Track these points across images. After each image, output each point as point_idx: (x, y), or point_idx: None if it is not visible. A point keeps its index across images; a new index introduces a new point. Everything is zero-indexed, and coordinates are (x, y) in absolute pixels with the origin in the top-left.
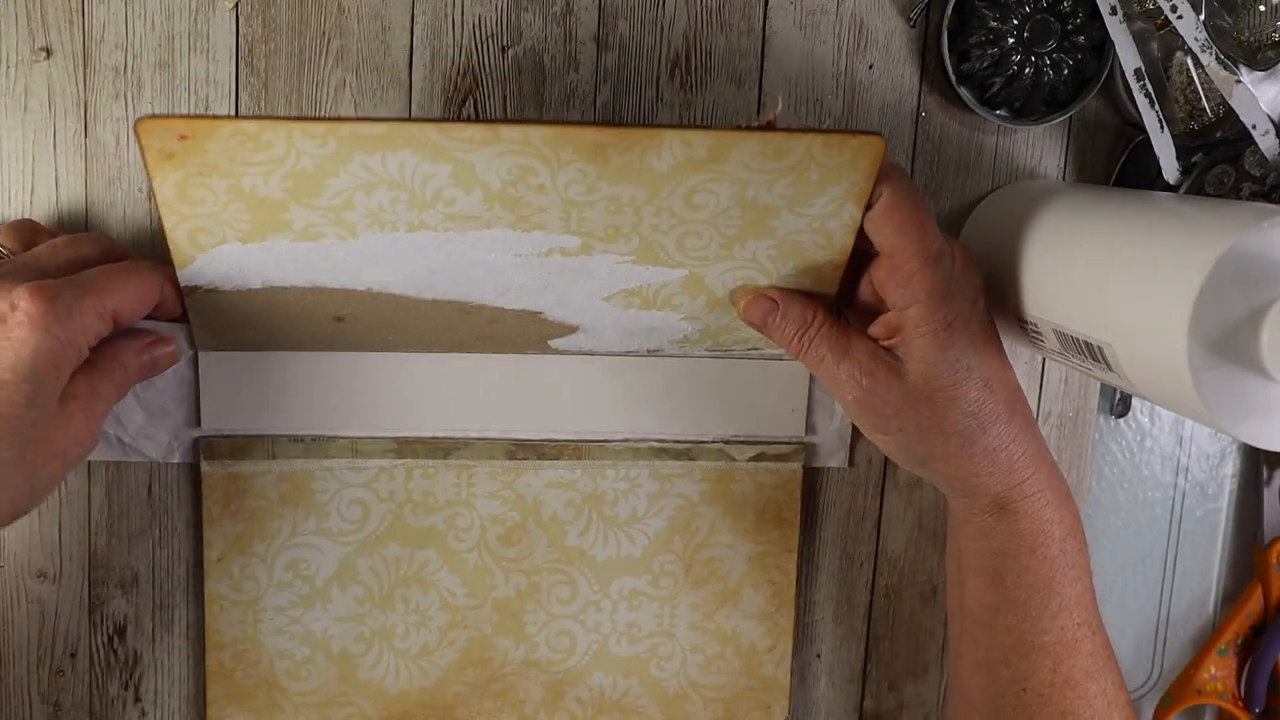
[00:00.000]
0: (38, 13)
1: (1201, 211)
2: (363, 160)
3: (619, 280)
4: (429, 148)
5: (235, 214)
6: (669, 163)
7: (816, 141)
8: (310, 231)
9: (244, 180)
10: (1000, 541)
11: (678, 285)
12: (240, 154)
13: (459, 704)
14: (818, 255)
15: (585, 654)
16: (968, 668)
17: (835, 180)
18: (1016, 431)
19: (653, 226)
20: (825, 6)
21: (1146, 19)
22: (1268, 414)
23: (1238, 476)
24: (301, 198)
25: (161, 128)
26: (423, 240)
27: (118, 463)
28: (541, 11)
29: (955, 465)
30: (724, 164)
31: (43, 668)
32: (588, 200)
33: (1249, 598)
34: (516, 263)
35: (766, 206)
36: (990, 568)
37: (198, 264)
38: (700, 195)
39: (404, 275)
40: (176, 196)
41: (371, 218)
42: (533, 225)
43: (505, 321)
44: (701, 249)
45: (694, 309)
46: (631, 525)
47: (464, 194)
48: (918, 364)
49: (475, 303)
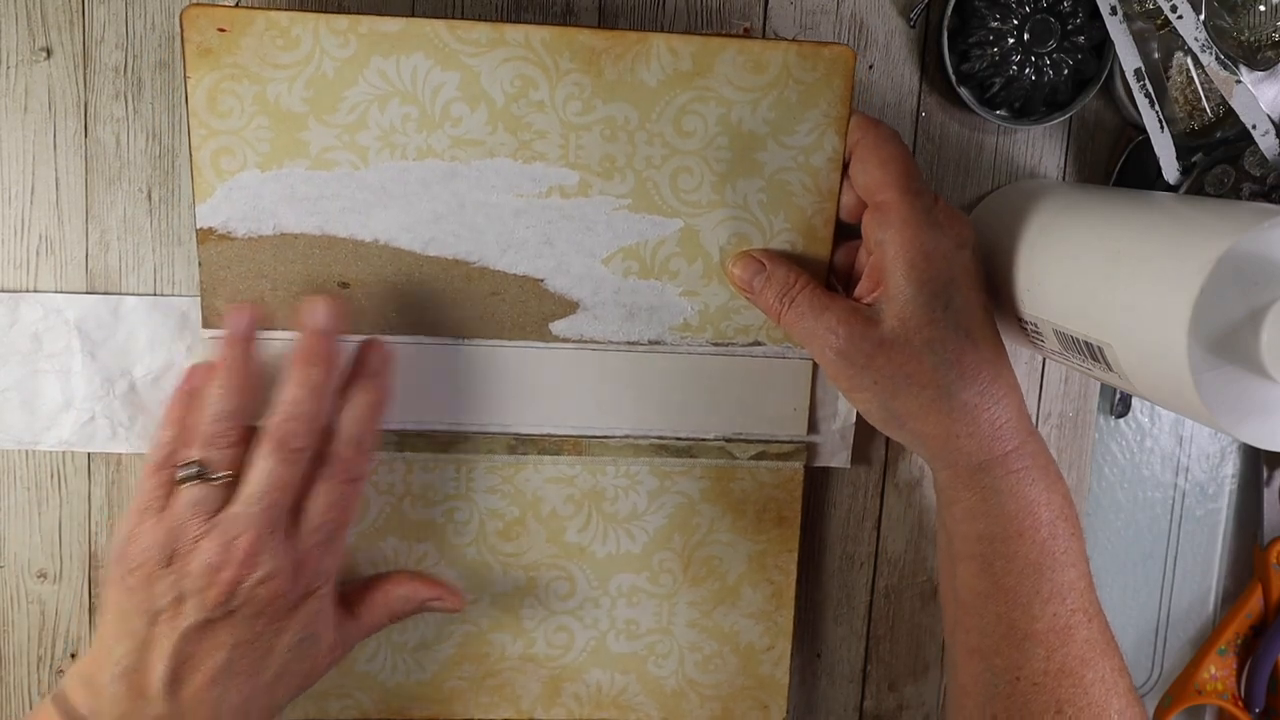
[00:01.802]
0: (38, 13)
1: (1201, 211)
2: (379, 65)
3: (617, 234)
4: (439, 51)
5: (258, 131)
6: (658, 76)
7: (791, 51)
8: (325, 158)
9: (269, 88)
10: (986, 525)
11: (674, 243)
12: (269, 53)
13: (455, 698)
14: (807, 202)
15: (583, 650)
16: (962, 655)
17: (813, 102)
18: (1001, 395)
19: (646, 159)
20: (825, 6)
21: (1146, 19)
22: (1268, 414)
23: (1238, 476)
24: (320, 112)
25: (204, 16)
26: (429, 172)
27: (117, 463)
28: (542, 12)
29: (933, 424)
30: (709, 78)
31: (43, 667)
32: (584, 123)
33: (1249, 598)
34: (518, 205)
35: (752, 135)
36: (978, 553)
37: (217, 195)
38: (688, 119)
39: (410, 220)
40: (207, 105)
41: (383, 140)
42: (534, 154)
43: (507, 293)
44: (694, 190)
45: (692, 278)
46: (631, 522)
47: (469, 111)
48: (892, 303)
49: (477, 264)
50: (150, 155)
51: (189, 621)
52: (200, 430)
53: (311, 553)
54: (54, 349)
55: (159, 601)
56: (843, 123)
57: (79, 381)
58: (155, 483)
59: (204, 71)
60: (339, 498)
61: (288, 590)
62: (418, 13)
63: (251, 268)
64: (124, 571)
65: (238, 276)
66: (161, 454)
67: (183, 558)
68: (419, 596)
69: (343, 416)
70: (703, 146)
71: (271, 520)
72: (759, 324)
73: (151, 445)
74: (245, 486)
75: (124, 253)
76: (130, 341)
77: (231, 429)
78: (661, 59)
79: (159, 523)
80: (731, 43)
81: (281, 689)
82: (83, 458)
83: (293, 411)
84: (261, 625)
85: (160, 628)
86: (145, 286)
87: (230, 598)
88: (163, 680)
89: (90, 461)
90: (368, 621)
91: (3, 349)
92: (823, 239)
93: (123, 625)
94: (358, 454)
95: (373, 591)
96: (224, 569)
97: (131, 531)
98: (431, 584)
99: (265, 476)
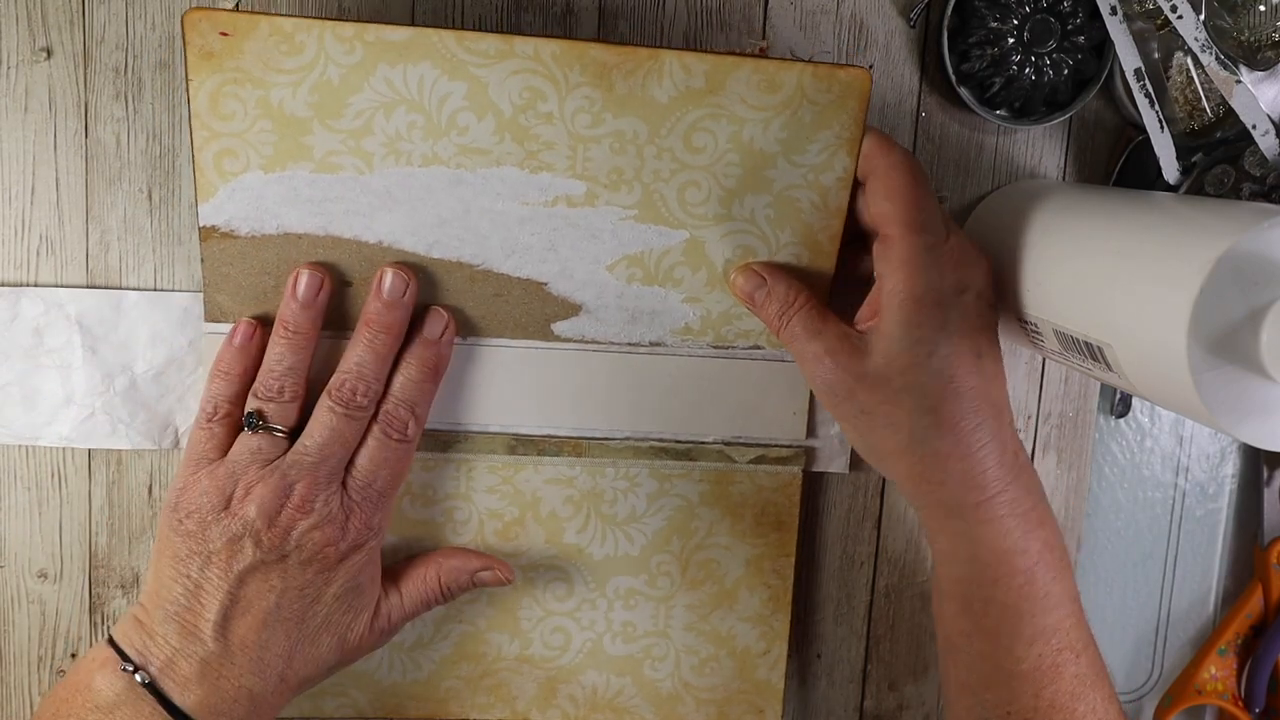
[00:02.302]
0: (38, 13)
1: (1201, 211)
2: (385, 73)
3: (622, 243)
4: (447, 61)
5: (261, 134)
6: (669, 92)
7: (806, 72)
8: (329, 161)
9: (272, 93)
10: (960, 569)
11: (679, 253)
12: (273, 58)
13: (451, 698)
14: (814, 219)
15: (579, 652)
16: (953, 689)
17: (826, 123)
18: (980, 445)
19: (654, 173)
20: (825, 6)
21: (1146, 19)
22: (1268, 414)
23: (1238, 476)
24: (324, 117)
25: (206, 20)
26: (435, 179)
27: (118, 463)
28: (542, 12)
29: (905, 466)
30: (721, 95)
31: (43, 667)
32: (593, 135)
33: (1249, 598)
34: (523, 213)
35: (763, 153)
36: (959, 593)
37: (220, 196)
38: (699, 135)
39: (414, 224)
40: (209, 107)
41: (388, 147)
42: (540, 165)
43: (510, 295)
44: (701, 204)
45: (695, 286)
46: (630, 524)
47: (476, 120)
48: (881, 339)
49: (481, 267)
50: (150, 155)
51: (243, 564)
52: (261, 382)
53: (362, 506)
54: (55, 344)
55: (214, 544)
56: (855, 144)
57: (79, 377)
58: (206, 434)
59: (206, 75)
60: (390, 455)
61: (338, 540)
62: (418, 12)
63: (255, 265)
64: (180, 516)
65: (241, 273)
66: (210, 406)
67: (239, 501)
68: (469, 567)
69: (398, 377)
70: (712, 162)
71: (329, 471)
72: (760, 329)
73: (202, 398)
74: (305, 438)
75: (124, 253)
76: (131, 337)
77: (292, 384)
78: (674, 76)
79: (216, 469)
80: (746, 62)
81: (325, 640)
82: (83, 457)
83: (358, 372)
84: (311, 573)
85: (214, 570)
86: (145, 286)
87: (285, 541)
88: (213, 622)
89: (91, 461)
90: (418, 595)
91: (4, 344)
92: (828, 254)
93: (177, 568)
94: (410, 415)
95: (421, 565)
96: (281, 512)
97: (187, 479)
98: (480, 555)
99: (326, 429)
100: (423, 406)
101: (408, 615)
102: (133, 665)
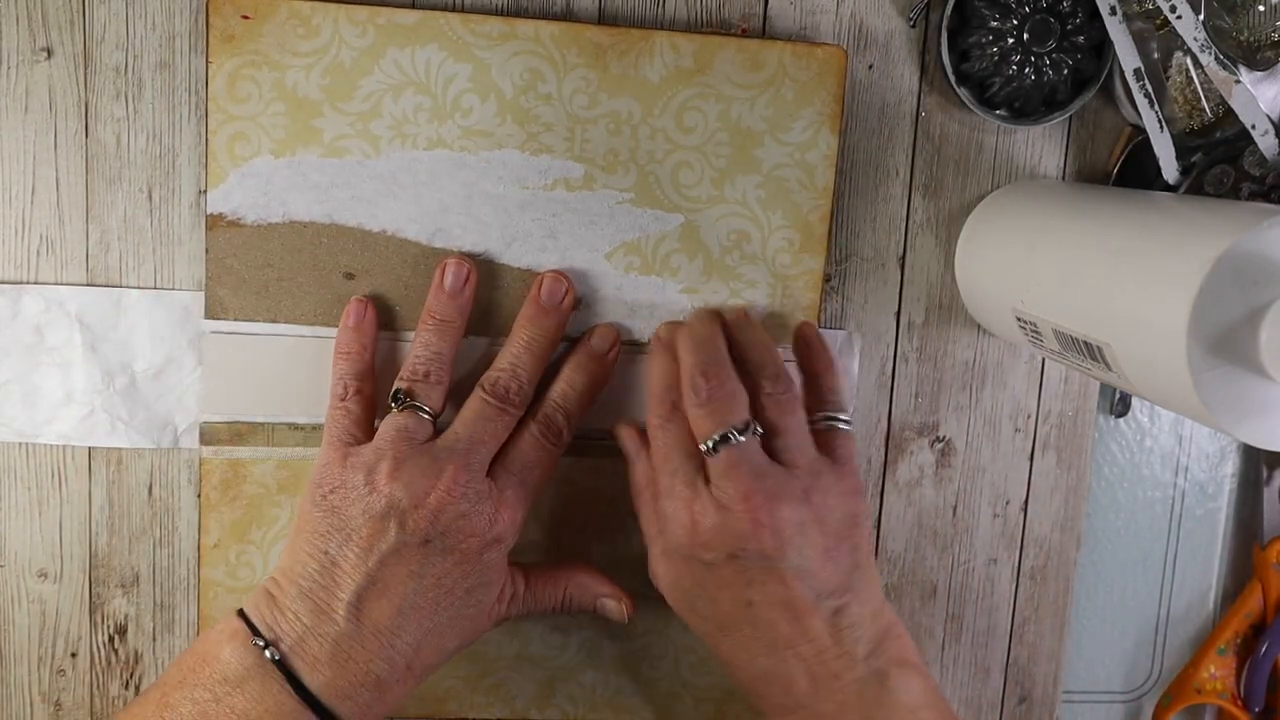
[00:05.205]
0: (38, 13)
1: (1201, 211)
2: (394, 56)
3: (619, 228)
4: (453, 43)
5: (274, 117)
6: (660, 72)
7: (786, 50)
8: (337, 145)
9: (288, 75)
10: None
11: (675, 238)
12: (290, 41)
13: (450, 698)
14: (803, 199)
15: (578, 650)
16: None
17: (808, 100)
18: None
19: (648, 154)
20: (825, 6)
21: (1146, 19)
22: (1268, 414)
23: (1238, 476)
24: (335, 100)
25: (230, 3)
26: (439, 162)
27: (118, 462)
28: (542, 12)
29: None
30: (709, 74)
31: (44, 667)
32: (590, 116)
33: (1249, 597)
34: (524, 197)
35: (751, 132)
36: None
37: (229, 181)
38: (690, 115)
39: (418, 211)
40: (226, 90)
41: (395, 130)
42: (540, 147)
43: (510, 289)
44: (694, 185)
45: (692, 275)
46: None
47: (480, 102)
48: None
49: (482, 257)
50: (150, 155)
51: (386, 545)
52: (408, 366)
53: (510, 501)
54: (55, 342)
55: (355, 521)
56: (836, 120)
57: (79, 375)
58: (342, 412)
59: (226, 57)
60: (544, 456)
61: (484, 530)
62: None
63: (259, 256)
64: (325, 491)
65: (244, 265)
66: (340, 387)
67: (386, 479)
68: (597, 590)
69: (560, 383)
70: (703, 142)
71: (480, 460)
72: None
73: (332, 381)
74: (457, 424)
75: (124, 252)
76: (132, 335)
77: (438, 369)
78: (664, 55)
79: (361, 445)
80: (730, 41)
81: (450, 637)
82: (83, 457)
83: (513, 370)
84: (450, 564)
85: (353, 548)
86: (145, 286)
87: (431, 525)
88: (348, 601)
89: (91, 461)
90: (543, 597)
91: (4, 341)
92: (819, 236)
93: (315, 544)
94: (566, 422)
95: (556, 572)
96: (430, 494)
97: (330, 455)
98: (611, 582)
99: (478, 418)
100: (577, 417)
101: (525, 613)
102: (264, 640)
